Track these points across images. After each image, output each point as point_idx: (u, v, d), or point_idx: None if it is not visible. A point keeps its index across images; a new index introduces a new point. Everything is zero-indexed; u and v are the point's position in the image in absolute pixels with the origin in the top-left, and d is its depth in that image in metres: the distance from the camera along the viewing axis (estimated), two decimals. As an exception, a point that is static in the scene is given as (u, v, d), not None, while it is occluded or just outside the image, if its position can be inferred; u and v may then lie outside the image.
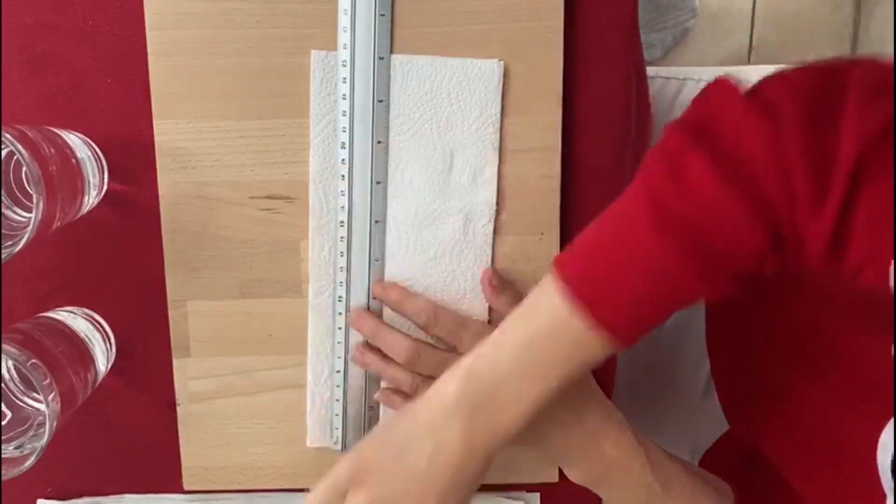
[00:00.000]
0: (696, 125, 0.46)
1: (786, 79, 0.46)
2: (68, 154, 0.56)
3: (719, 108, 0.45)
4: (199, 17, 0.58)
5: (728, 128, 0.44)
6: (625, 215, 0.47)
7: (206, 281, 0.62)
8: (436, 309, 0.60)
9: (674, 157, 0.45)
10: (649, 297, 0.46)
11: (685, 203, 0.44)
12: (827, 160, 0.41)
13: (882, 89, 0.42)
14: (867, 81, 0.42)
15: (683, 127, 0.46)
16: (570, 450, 0.57)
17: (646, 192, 0.46)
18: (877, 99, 0.41)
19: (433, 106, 0.60)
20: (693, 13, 1.42)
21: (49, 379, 0.54)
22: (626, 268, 0.46)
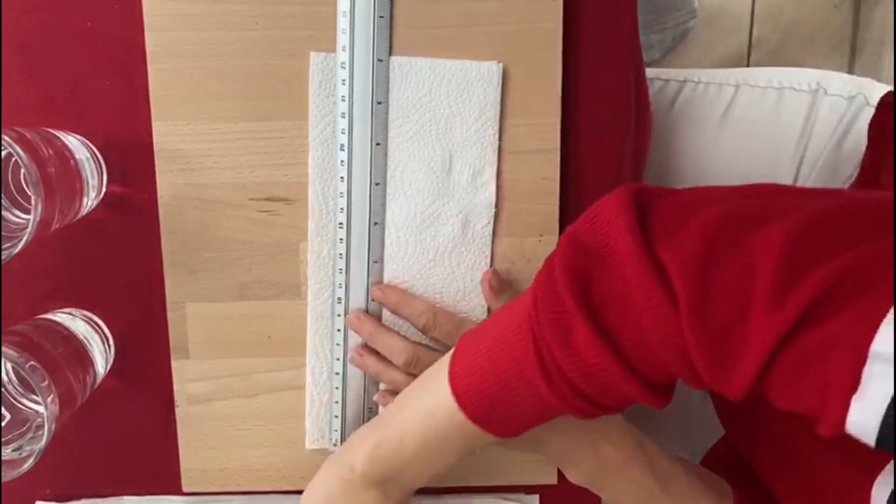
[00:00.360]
0: (583, 272, 0.44)
1: (690, 236, 0.41)
2: (67, 156, 0.56)
3: (610, 258, 0.43)
4: (197, 18, 0.58)
5: (619, 299, 0.43)
6: (516, 347, 0.47)
7: (204, 283, 0.62)
8: (435, 311, 0.60)
9: (563, 312, 0.44)
10: (533, 419, 0.50)
11: (572, 365, 0.44)
12: (732, 361, 0.40)
13: (794, 270, 0.38)
14: (779, 261, 0.38)
15: (570, 264, 0.45)
16: (569, 451, 0.57)
17: (535, 338, 0.45)
18: (787, 287, 0.37)
19: (432, 108, 0.60)
20: (692, 14, 1.42)
21: (48, 381, 0.54)
22: (514, 397, 0.48)
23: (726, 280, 0.39)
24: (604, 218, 0.45)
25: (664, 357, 0.42)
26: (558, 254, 0.45)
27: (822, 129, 0.76)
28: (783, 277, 0.37)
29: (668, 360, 0.42)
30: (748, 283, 0.38)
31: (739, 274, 0.39)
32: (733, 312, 0.39)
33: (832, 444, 0.53)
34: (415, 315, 0.61)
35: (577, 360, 0.44)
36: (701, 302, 0.39)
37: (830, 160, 0.72)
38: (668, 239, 0.42)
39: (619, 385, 0.44)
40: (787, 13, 1.52)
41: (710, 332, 0.40)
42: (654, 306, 0.41)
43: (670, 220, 0.43)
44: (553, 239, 0.62)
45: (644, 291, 0.41)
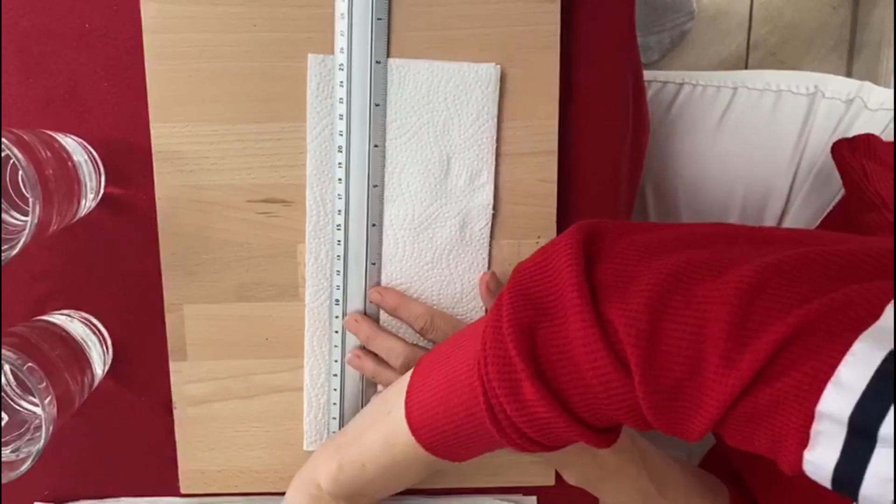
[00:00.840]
0: (529, 324, 0.43)
1: (639, 296, 0.40)
2: (65, 157, 0.56)
3: (556, 312, 0.43)
4: (195, 20, 0.58)
5: (567, 360, 0.42)
6: (467, 392, 0.47)
7: (202, 284, 0.62)
8: (432, 313, 0.60)
9: (510, 367, 0.44)
10: (490, 449, 0.51)
11: (521, 417, 0.44)
12: (684, 421, 0.40)
13: (742, 338, 0.37)
14: (728, 333, 0.37)
15: (516, 316, 0.43)
16: (566, 453, 0.57)
17: (483, 389, 0.45)
18: (736, 354, 0.37)
19: (430, 110, 0.60)
20: (691, 16, 1.42)
21: (45, 382, 0.54)
22: (467, 435, 0.49)
23: (677, 338, 0.39)
24: (552, 267, 0.44)
25: (612, 413, 0.43)
26: (505, 304, 0.44)
27: (820, 132, 0.76)
28: (735, 337, 0.37)
29: (616, 415, 0.43)
30: (699, 343, 0.38)
31: (690, 332, 0.38)
32: (684, 371, 0.38)
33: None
34: (412, 317, 0.61)
35: (526, 414, 0.44)
36: (651, 361, 0.39)
37: (828, 162, 0.72)
38: (618, 294, 0.41)
39: (568, 434, 0.45)
40: (786, 15, 1.53)
41: (661, 390, 0.39)
42: (599, 367, 0.41)
43: (620, 273, 0.42)
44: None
45: (590, 353, 0.41)
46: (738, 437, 0.39)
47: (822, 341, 0.35)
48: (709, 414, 0.38)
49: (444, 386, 0.49)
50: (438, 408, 0.49)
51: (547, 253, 0.45)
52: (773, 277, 0.37)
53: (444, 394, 0.49)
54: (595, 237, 0.45)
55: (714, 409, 0.38)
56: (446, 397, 0.49)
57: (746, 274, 0.37)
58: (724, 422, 0.39)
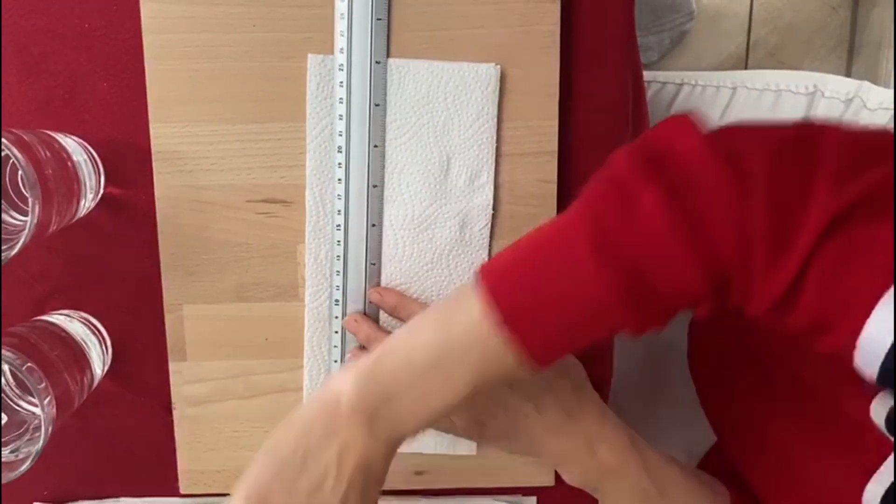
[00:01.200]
0: (654, 158, 0.43)
1: (756, 136, 0.43)
2: (64, 157, 0.56)
3: (682, 148, 0.43)
4: (195, 20, 0.58)
5: (690, 173, 0.42)
6: (563, 235, 0.44)
7: (202, 284, 0.62)
8: None
9: (626, 185, 0.43)
10: (575, 324, 0.44)
11: (630, 235, 0.42)
12: (789, 233, 0.40)
13: (853, 165, 0.40)
14: (840, 155, 0.41)
15: (638, 155, 0.44)
16: (566, 453, 0.57)
17: (590, 215, 0.43)
18: (848, 175, 0.40)
19: (430, 110, 0.60)
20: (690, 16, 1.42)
21: (45, 383, 0.54)
22: (557, 291, 0.44)
23: (794, 164, 0.41)
24: (669, 125, 0.45)
25: (723, 236, 0.41)
26: (620, 151, 0.45)
27: None
28: (846, 167, 0.40)
29: (725, 239, 0.41)
30: (813, 168, 0.40)
31: (805, 161, 0.41)
32: (797, 192, 0.40)
33: (825, 447, 0.53)
34: (412, 318, 0.60)
35: (637, 228, 0.42)
36: (771, 177, 0.41)
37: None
38: (738, 137, 0.44)
39: (674, 262, 0.42)
40: (786, 15, 1.52)
41: (776, 206, 0.40)
42: (721, 184, 0.41)
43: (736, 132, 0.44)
44: (550, 241, 0.62)
45: (713, 167, 0.42)
46: (819, 286, 0.40)
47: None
48: (808, 235, 0.39)
49: (535, 238, 0.45)
50: (524, 258, 0.45)
51: (660, 124, 0.46)
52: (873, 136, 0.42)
53: (532, 247, 0.45)
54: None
55: (813, 230, 0.39)
56: (535, 248, 0.45)
57: (854, 129, 0.43)
58: (813, 262, 0.40)
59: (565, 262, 0.43)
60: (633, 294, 0.42)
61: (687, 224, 0.41)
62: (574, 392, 0.58)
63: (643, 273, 0.42)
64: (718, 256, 0.42)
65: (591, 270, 0.42)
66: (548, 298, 0.44)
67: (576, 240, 0.43)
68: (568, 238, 0.44)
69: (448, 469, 0.65)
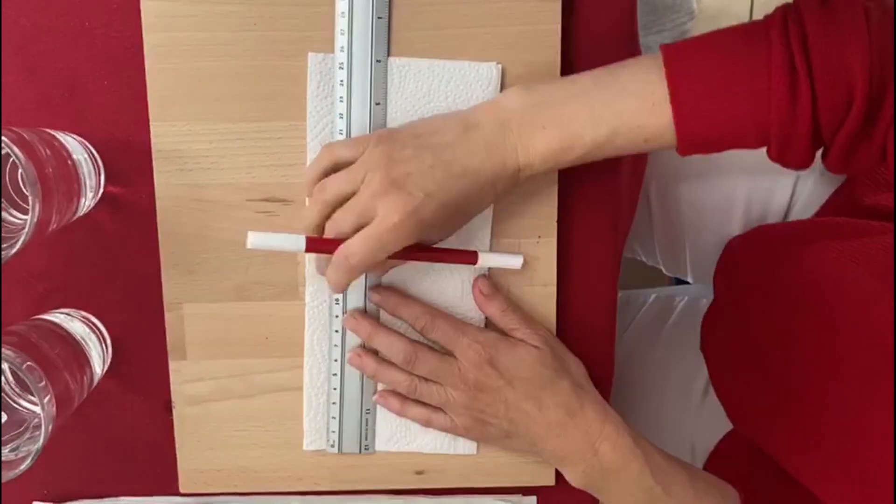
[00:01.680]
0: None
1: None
2: (65, 156, 0.56)
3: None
4: (195, 19, 0.58)
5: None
6: (755, 45, 0.49)
7: (202, 283, 0.62)
8: (433, 313, 0.60)
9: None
10: (737, 117, 0.49)
11: (825, 31, 0.47)
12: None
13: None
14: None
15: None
16: (568, 453, 0.57)
17: (774, 20, 0.49)
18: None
19: (431, 109, 0.60)
20: (691, 16, 1.42)
21: (45, 381, 0.54)
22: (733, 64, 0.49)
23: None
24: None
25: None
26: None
27: None
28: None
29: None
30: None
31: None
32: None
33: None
34: (413, 317, 0.60)
35: (821, 12, 0.47)
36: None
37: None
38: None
39: (849, 53, 0.46)
40: (786, 15, 1.52)
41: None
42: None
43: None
44: (551, 241, 0.62)
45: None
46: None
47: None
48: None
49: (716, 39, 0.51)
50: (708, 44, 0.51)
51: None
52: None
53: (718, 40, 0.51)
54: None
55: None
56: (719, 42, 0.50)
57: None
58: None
59: (748, 40, 0.50)
60: (791, 78, 0.47)
61: (870, 30, 0.46)
62: (575, 391, 0.58)
63: (817, 55, 0.47)
64: (884, 59, 0.46)
65: (773, 41, 0.48)
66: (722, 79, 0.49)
67: (761, 28, 0.49)
68: (759, 34, 0.49)
69: (448, 469, 0.65)
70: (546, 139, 0.52)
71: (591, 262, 0.64)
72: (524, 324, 0.60)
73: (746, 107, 0.49)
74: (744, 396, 0.68)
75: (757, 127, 0.49)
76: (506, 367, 0.58)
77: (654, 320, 0.85)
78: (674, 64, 0.50)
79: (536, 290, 0.63)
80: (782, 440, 0.61)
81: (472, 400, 0.58)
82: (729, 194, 0.77)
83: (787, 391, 0.60)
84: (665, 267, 0.91)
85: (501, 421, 0.59)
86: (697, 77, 0.50)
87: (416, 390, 0.60)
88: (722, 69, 0.49)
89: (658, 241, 0.87)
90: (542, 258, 0.62)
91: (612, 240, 0.64)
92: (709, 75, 0.49)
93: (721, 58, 0.50)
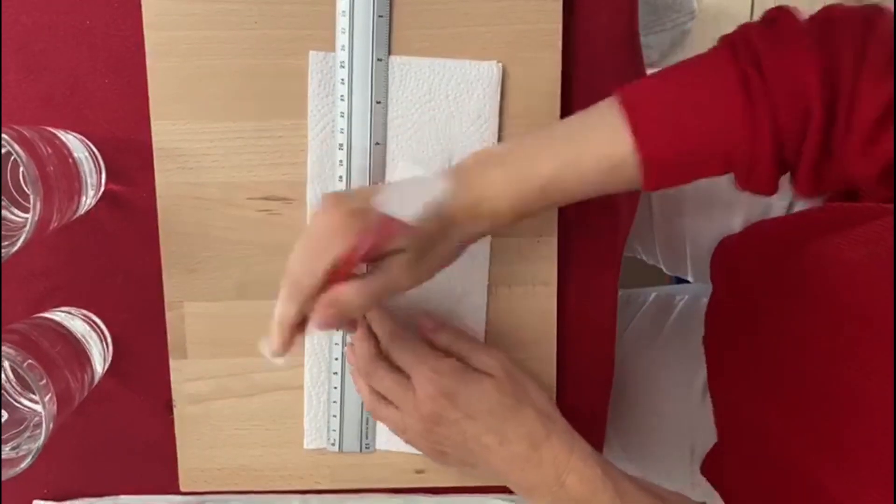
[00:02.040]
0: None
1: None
2: (66, 154, 0.56)
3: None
4: (196, 17, 0.58)
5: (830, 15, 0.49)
6: (705, 63, 0.49)
7: (203, 282, 0.62)
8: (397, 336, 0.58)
9: (769, 21, 0.49)
10: (690, 130, 0.49)
11: (761, 31, 0.48)
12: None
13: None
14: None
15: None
16: (533, 486, 0.55)
17: (725, 48, 0.49)
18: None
19: (431, 107, 0.60)
20: (691, 15, 1.42)
21: (45, 380, 0.54)
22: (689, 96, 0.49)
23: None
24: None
25: (843, 52, 0.46)
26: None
27: None
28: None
29: (844, 54, 0.46)
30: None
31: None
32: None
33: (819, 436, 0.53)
34: (380, 333, 0.59)
35: (768, 32, 0.48)
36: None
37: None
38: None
39: (801, 67, 0.46)
40: (786, 15, 1.52)
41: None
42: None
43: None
44: (552, 240, 0.62)
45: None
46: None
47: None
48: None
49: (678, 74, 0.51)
50: (660, 78, 0.51)
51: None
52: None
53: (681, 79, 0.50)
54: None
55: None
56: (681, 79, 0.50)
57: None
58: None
59: (703, 68, 0.50)
60: (753, 92, 0.47)
61: (814, 38, 0.47)
62: (540, 419, 0.55)
63: (765, 66, 0.47)
64: (835, 67, 0.46)
65: (725, 54, 0.48)
66: (678, 96, 0.49)
67: (717, 55, 0.49)
68: (711, 60, 0.49)
69: (448, 468, 0.65)
70: (504, 171, 0.51)
71: (591, 261, 0.64)
72: (476, 350, 0.58)
73: (706, 128, 0.49)
74: (743, 390, 0.67)
75: (719, 149, 0.49)
76: (465, 401, 0.55)
77: (655, 319, 0.85)
78: (630, 96, 0.50)
79: (537, 290, 0.63)
80: (785, 430, 0.61)
81: (427, 431, 0.57)
82: (730, 194, 0.77)
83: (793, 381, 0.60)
84: (665, 266, 0.91)
85: (459, 451, 0.57)
86: (656, 102, 0.49)
87: (374, 409, 0.59)
88: (679, 94, 0.49)
89: (658, 241, 0.87)
90: (542, 258, 0.62)
91: (612, 239, 0.64)
92: (666, 100, 0.49)
93: (677, 85, 0.49)
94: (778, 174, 0.50)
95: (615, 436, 0.82)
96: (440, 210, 0.49)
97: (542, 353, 0.64)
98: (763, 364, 0.64)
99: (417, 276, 0.51)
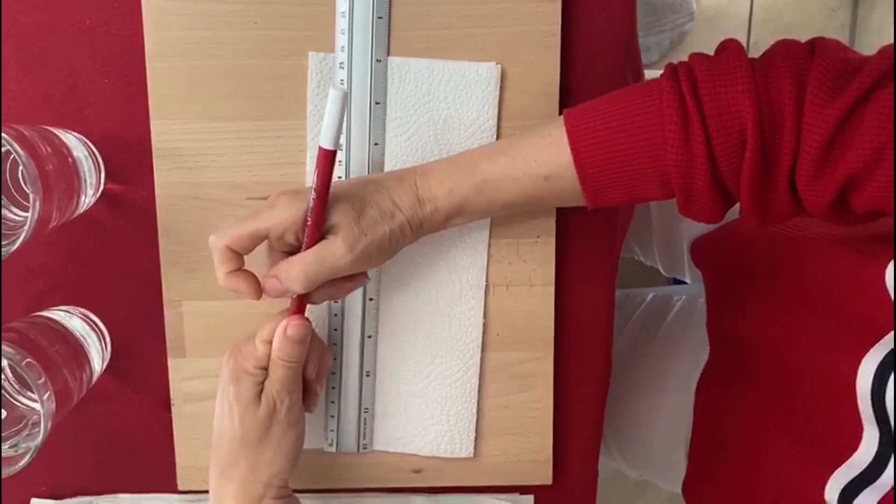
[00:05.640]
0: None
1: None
2: (65, 153, 0.56)
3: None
4: (196, 17, 0.58)
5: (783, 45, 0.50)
6: (648, 93, 0.50)
7: (201, 281, 0.62)
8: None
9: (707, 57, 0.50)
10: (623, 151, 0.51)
11: (704, 63, 0.49)
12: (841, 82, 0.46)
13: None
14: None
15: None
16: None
17: (666, 79, 0.50)
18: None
19: (430, 108, 0.60)
20: (690, 17, 1.42)
21: (44, 378, 0.54)
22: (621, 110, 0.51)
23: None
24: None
25: (780, 80, 0.47)
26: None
27: None
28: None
29: (782, 82, 0.47)
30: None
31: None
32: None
33: (794, 439, 0.53)
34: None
35: (708, 60, 0.49)
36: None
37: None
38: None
39: (736, 94, 0.47)
40: (785, 17, 1.53)
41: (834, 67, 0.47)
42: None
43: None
44: (550, 240, 0.62)
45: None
46: (867, 128, 0.44)
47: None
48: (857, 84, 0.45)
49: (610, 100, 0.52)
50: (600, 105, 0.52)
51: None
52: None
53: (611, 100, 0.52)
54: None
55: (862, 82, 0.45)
56: (614, 102, 0.52)
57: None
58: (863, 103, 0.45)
59: (636, 96, 0.51)
60: (687, 117, 0.48)
61: (752, 68, 0.48)
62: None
63: (703, 97, 0.48)
64: (774, 97, 0.47)
65: (664, 85, 0.49)
66: (616, 123, 0.51)
67: (653, 86, 0.50)
68: (646, 90, 0.50)
69: (446, 467, 0.65)
70: (448, 163, 0.55)
71: (589, 262, 0.64)
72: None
73: (643, 147, 0.50)
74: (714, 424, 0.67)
75: (656, 169, 0.50)
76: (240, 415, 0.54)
77: (652, 318, 0.85)
78: (574, 113, 0.52)
79: (535, 290, 0.63)
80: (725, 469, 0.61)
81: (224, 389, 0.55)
82: None
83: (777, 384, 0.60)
84: (663, 267, 0.91)
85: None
86: (596, 118, 0.51)
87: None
88: (618, 114, 0.51)
89: (656, 242, 0.87)
90: (540, 258, 0.62)
91: (610, 240, 0.64)
92: (606, 116, 0.51)
93: (618, 103, 0.51)
94: (720, 201, 0.51)
95: (612, 435, 0.83)
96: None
97: (540, 353, 0.64)
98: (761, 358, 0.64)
99: (358, 257, 0.52)
